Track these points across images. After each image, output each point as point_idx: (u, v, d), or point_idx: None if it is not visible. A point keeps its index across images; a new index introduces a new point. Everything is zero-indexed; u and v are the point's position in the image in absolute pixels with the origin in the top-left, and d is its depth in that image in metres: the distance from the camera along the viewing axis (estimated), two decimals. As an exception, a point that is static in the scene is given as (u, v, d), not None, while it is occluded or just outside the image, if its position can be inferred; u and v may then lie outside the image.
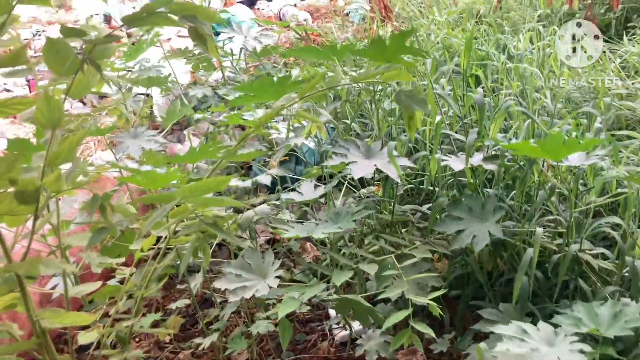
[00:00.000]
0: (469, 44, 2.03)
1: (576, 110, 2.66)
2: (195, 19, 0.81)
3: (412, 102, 1.12)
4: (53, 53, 0.76)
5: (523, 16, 4.18)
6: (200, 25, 0.81)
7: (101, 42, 0.78)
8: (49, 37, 0.76)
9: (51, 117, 0.79)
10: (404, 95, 1.13)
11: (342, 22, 5.72)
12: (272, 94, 1.92)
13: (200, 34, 0.82)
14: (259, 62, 3.74)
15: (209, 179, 0.89)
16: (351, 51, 1.69)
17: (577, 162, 1.47)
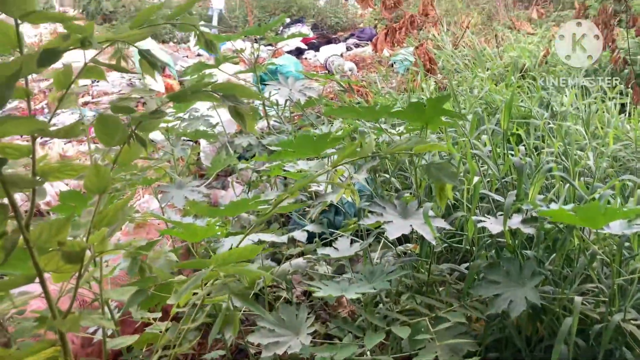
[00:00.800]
0: (510, 104, 2.04)
1: (622, 169, 2.60)
2: (235, 99, 0.86)
3: (441, 174, 1.14)
4: (103, 127, 0.82)
5: (570, 71, 4.15)
6: (239, 105, 0.87)
7: (147, 118, 0.84)
8: (100, 114, 0.83)
9: (99, 185, 0.85)
10: (434, 167, 1.15)
11: (386, 72, 5.82)
12: (311, 150, 1.98)
13: (239, 113, 0.88)
14: (302, 112, 3.84)
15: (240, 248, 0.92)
16: (389, 113, 1.74)
17: (617, 231, 1.44)
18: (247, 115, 0.89)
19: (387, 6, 5.59)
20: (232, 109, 0.87)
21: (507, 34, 6.66)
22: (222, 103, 0.87)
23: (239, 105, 0.86)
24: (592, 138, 2.71)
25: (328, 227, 2.50)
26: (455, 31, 6.61)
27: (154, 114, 0.85)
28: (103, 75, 0.94)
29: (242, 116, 0.88)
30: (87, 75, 0.92)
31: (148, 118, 0.84)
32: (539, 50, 4.85)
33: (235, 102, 0.86)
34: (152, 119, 0.84)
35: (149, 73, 0.91)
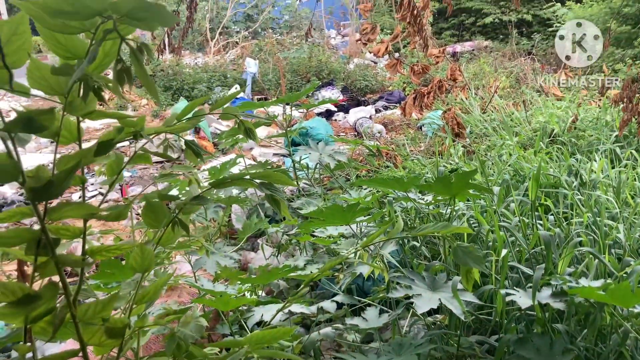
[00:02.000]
0: (537, 176, 2.07)
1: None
2: (271, 186, 0.93)
3: (468, 258, 1.17)
4: (150, 213, 0.90)
5: (599, 137, 4.15)
6: (275, 192, 0.93)
7: (189, 204, 0.91)
8: (148, 201, 0.90)
9: (143, 264, 0.91)
10: (461, 250, 1.18)
11: (414, 135, 5.90)
12: (340, 219, 2.03)
13: (275, 199, 0.94)
14: (332, 174, 3.92)
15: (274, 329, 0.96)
16: (417, 185, 1.78)
17: (650, 310, 1.43)
18: (282, 202, 0.95)
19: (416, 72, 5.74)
20: (269, 196, 0.93)
21: (535, 97, 6.73)
22: (260, 190, 0.94)
23: (274, 192, 0.93)
24: (623, 207, 2.69)
25: (357, 293, 2.52)
26: (484, 95, 6.71)
27: (196, 199, 0.91)
28: (150, 160, 1.02)
29: (278, 203, 0.94)
30: (136, 161, 1.00)
31: (190, 204, 0.91)
32: (567, 116, 4.88)
33: (271, 190, 0.92)
34: (194, 205, 0.91)
35: (193, 161, 0.99)
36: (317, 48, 11.09)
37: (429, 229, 1.24)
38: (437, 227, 1.21)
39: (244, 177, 0.94)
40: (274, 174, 0.93)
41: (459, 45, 12.70)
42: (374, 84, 9.76)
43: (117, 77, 0.68)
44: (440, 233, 1.20)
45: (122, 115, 0.84)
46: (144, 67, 0.67)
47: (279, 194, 0.93)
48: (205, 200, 0.92)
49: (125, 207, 0.89)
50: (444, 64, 9.41)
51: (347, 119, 7.81)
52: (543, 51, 11.10)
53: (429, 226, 1.25)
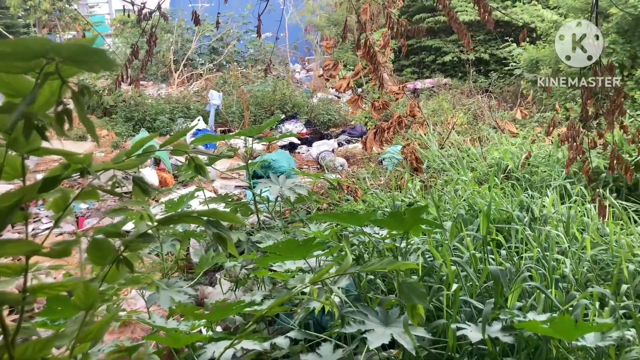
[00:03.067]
0: (488, 213, 2.13)
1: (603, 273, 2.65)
2: (217, 224, 0.94)
3: (412, 294, 1.19)
4: (96, 251, 0.89)
5: (551, 173, 4.31)
6: (221, 230, 0.94)
7: (135, 242, 0.91)
8: (94, 238, 0.90)
9: (87, 302, 0.90)
10: (406, 286, 1.21)
11: (375, 169, 5.99)
12: (297, 254, 2.04)
13: (221, 237, 0.95)
14: (293, 207, 3.94)
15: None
16: (371, 221, 1.82)
17: (592, 343, 1.48)
18: (229, 240, 0.96)
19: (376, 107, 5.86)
20: (216, 235, 0.94)
21: (492, 134, 6.94)
22: (207, 228, 0.94)
23: (221, 231, 0.93)
24: (572, 242, 2.79)
25: (315, 327, 2.50)
26: (442, 131, 6.89)
27: (143, 237, 0.91)
28: (97, 197, 1.01)
29: (225, 241, 0.95)
30: (84, 198, 0.99)
31: (137, 242, 0.91)
32: (521, 152, 5.05)
33: (218, 229, 0.93)
34: (141, 242, 0.91)
35: (141, 198, 0.99)
36: (281, 82, 11.21)
37: (375, 265, 1.26)
38: (383, 264, 1.23)
39: (192, 215, 0.94)
40: (222, 213, 0.94)
41: (419, 82, 13.04)
42: (337, 118, 9.90)
43: (56, 118, 0.69)
44: (387, 269, 1.22)
45: (68, 152, 0.84)
46: (83, 109, 0.68)
47: (226, 232, 0.94)
48: (151, 238, 0.92)
49: (70, 243, 0.88)
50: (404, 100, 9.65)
51: (311, 152, 7.88)
52: (500, 89, 11.51)
53: (375, 262, 1.28)
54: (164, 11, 2.89)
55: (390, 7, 4.15)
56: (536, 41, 10.62)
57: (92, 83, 9.46)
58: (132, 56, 2.80)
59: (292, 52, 15.97)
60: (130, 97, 9.34)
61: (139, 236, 0.92)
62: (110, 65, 0.63)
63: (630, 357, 1.62)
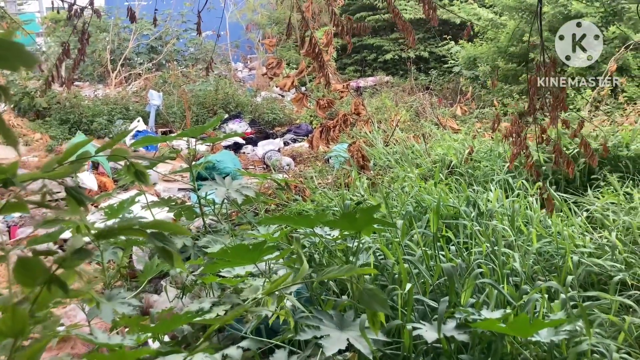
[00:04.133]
0: (437, 209, 2.13)
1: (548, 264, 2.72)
2: (162, 238, 0.86)
3: (373, 302, 1.16)
4: (23, 271, 0.79)
5: (493, 168, 4.40)
6: (167, 244, 0.86)
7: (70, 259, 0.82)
8: (20, 257, 0.80)
9: (15, 329, 0.81)
10: (367, 294, 1.16)
11: (322, 168, 5.97)
12: (247, 259, 1.97)
13: (167, 252, 0.87)
14: (240, 209, 3.84)
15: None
16: (324, 222, 1.77)
17: (546, 338, 1.49)
18: (175, 254, 0.88)
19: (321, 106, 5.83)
20: (161, 249, 0.86)
21: (434, 130, 7.06)
22: (151, 242, 0.86)
23: (167, 244, 0.86)
24: (518, 235, 2.84)
25: (266, 333, 2.44)
26: (386, 128, 6.95)
27: (78, 254, 0.82)
28: (26, 209, 0.91)
29: (171, 255, 0.87)
30: (11, 210, 0.89)
31: (72, 259, 0.82)
32: (463, 148, 5.14)
33: (163, 242, 0.85)
34: (77, 260, 0.82)
35: (75, 210, 0.90)
36: (223, 81, 11.01)
37: (333, 273, 1.22)
38: (342, 271, 1.19)
39: (133, 226, 0.86)
40: (166, 224, 0.86)
41: (362, 80, 13.15)
42: (281, 117, 9.81)
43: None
44: (345, 275, 1.18)
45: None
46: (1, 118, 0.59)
47: (172, 245, 0.86)
48: (87, 254, 0.83)
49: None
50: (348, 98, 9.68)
51: (256, 151, 7.77)
52: (440, 86, 11.75)
53: (333, 269, 1.23)
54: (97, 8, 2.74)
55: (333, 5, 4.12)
56: (473, 39, 10.91)
57: (22, 84, 8.96)
58: (63, 55, 2.63)
59: (233, 51, 15.73)
60: (65, 99, 8.91)
61: (74, 252, 0.83)
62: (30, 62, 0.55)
63: (580, 349, 1.65)
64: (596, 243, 2.86)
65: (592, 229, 3.15)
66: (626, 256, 2.64)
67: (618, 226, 3.05)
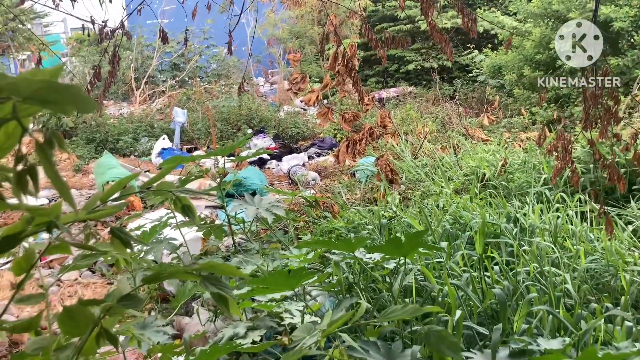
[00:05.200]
0: (483, 229, 2.03)
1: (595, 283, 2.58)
2: (216, 282, 0.79)
3: (442, 345, 1.07)
4: (69, 321, 0.73)
5: (528, 180, 4.27)
6: (222, 288, 0.79)
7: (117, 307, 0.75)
8: (66, 307, 0.74)
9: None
10: (434, 336, 1.08)
11: (349, 182, 5.88)
12: (285, 286, 1.89)
13: (223, 298, 0.80)
14: (269, 228, 3.78)
15: None
16: (367, 248, 1.69)
17: (614, 372, 1.37)
18: (230, 299, 0.81)
19: (347, 119, 5.77)
20: (216, 295, 0.80)
21: (462, 141, 6.93)
22: (204, 287, 0.80)
23: (222, 289, 0.79)
24: (562, 252, 2.72)
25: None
26: (413, 140, 6.84)
27: (126, 301, 0.76)
28: (69, 251, 0.86)
29: (226, 301, 0.80)
30: (53, 252, 0.83)
31: (119, 308, 0.76)
32: (495, 159, 5.02)
33: (217, 287, 0.78)
34: (124, 308, 0.76)
35: (121, 251, 0.83)
36: (246, 96, 11.04)
37: (397, 313, 1.13)
38: (407, 312, 1.10)
39: (186, 270, 0.80)
40: (220, 265, 0.80)
41: (384, 92, 13.06)
42: (305, 131, 9.78)
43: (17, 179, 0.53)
44: (411, 316, 1.10)
45: (31, 208, 0.68)
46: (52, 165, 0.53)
47: (227, 289, 0.79)
48: (137, 302, 0.76)
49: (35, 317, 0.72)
50: (372, 110, 9.62)
51: (281, 166, 7.72)
52: (464, 95, 11.60)
53: (396, 309, 1.15)
54: (127, 30, 2.72)
55: (358, 17, 4.07)
56: (498, 47, 10.76)
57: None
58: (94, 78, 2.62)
59: (255, 66, 15.81)
60: (91, 118, 9.01)
61: (121, 299, 0.76)
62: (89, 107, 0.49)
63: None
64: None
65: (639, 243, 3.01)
66: (681, 274, 2.50)
67: (667, 240, 2.91)
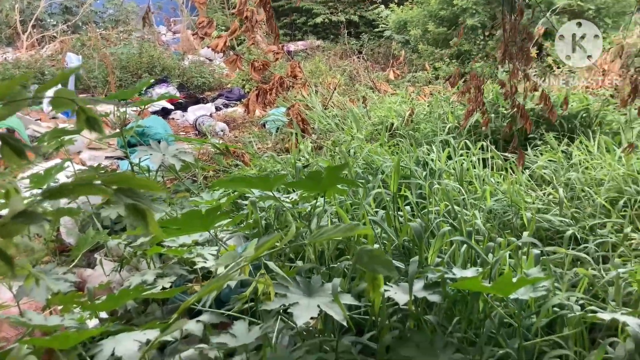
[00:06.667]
0: (398, 167, 2.04)
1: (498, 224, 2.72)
2: (132, 193, 0.69)
3: (375, 264, 1.04)
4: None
5: (434, 129, 4.40)
6: (139, 201, 0.69)
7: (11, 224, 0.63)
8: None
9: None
10: (367, 255, 1.04)
11: (260, 133, 5.77)
12: (200, 226, 1.80)
13: (139, 210, 0.70)
14: (177, 177, 3.62)
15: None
16: (286, 184, 1.63)
17: (524, 295, 1.44)
18: (149, 212, 0.71)
19: (256, 68, 5.60)
20: (131, 207, 0.70)
21: (369, 94, 7.00)
22: (116, 200, 0.69)
23: (138, 201, 0.69)
24: (468, 194, 2.83)
25: (216, 304, 2.29)
26: (323, 92, 6.81)
27: (22, 218, 0.64)
28: None
29: (145, 215, 0.71)
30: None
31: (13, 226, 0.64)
32: (402, 110, 5.12)
33: (133, 199, 0.69)
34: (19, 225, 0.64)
35: (14, 162, 0.70)
36: (147, 44, 10.40)
37: (328, 233, 1.09)
38: (339, 230, 1.06)
39: (94, 182, 0.69)
40: (134, 178, 0.70)
41: (292, 45, 12.87)
42: (211, 81, 9.43)
43: None
44: (343, 236, 1.05)
45: None
46: None
47: (145, 201, 0.70)
48: (35, 217, 0.65)
49: None
50: (281, 62, 9.43)
51: (186, 117, 7.42)
52: (371, 50, 11.69)
53: (328, 229, 1.10)
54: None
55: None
56: (403, 3, 10.89)
57: None
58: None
59: (156, 12, 14.90)
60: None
61: (15, 216, 0.65)
62: None
63: (552, 303, 1.63)
64: (542, 200, 2.90)
65: (536, 186, 3.20)
66: (573, 211, 2.69)
67: (560, 183, 3.11)
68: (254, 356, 1.74)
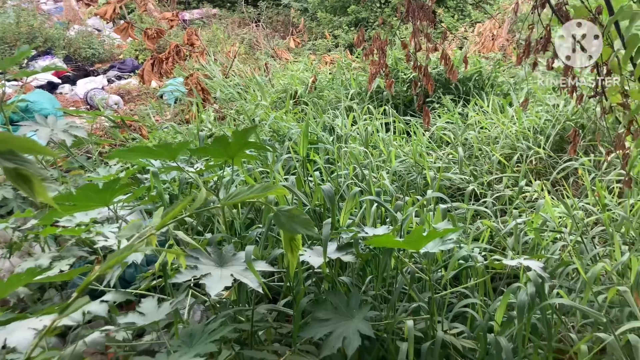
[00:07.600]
0: (306, 132, 2.01)
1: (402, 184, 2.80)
2: (14, 156, 0.59)
3: (295, 223, 1.00)
4: None
5: (337, 96, 4.41)
6: (22, 164, 0.59)
7: None
8: None
9: None
10: (284, 216, 1.00)
11: (157, 104, 5.50)
12: (97, 201, 1.68)
13: (23, 175, 0.60)
14: (69, 154, 3.36)
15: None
16: (191, 151, 1.55)
17: (434, 249, 1.48)
18: (34, 178, 0.62)
19: (150, 36, 5.31)
20: (12, 171, 0.60)
21: (270, 62, 6.90)
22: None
23: (21, 165, 0.59)
24: (375, 157, 2.87)
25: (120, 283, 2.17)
26: (223, 61, 6.61)
27: None
28: None
29: (29, 180, 0.61)
30: None
31: None
32: (305, 77, 5.08)
33: (16, 162, 0.59)
34: None
35: None
36: (25, 12, 9.52)
37: (244, 195, 1.03)
38: (255, 191, 1.00)
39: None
40: (17, 138, 0.60)
41: (187, 13, 12.36)
42: (101, 53, 8.84)
43: None
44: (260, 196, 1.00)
45: None
46: None
47: (29, 165, 0.60)
48: None
49: None
50: (176, 29, 9.01)
51: (76, 91, 6.92)
52: (269, 19, 11.50)
53: (242, 191, 1.04)
54: None
55: None
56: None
57: None
58: None
59: (34, -22, 13.64)
60: None
61: None
62: None
63: (459, 255, 1.69)
64: (443, 160, 3.01)
65: (436, 147, 3.31)
66: (472, 169, 2.81)
67: (459, 143, 3.24)
68: (165, 334, 1.67)
